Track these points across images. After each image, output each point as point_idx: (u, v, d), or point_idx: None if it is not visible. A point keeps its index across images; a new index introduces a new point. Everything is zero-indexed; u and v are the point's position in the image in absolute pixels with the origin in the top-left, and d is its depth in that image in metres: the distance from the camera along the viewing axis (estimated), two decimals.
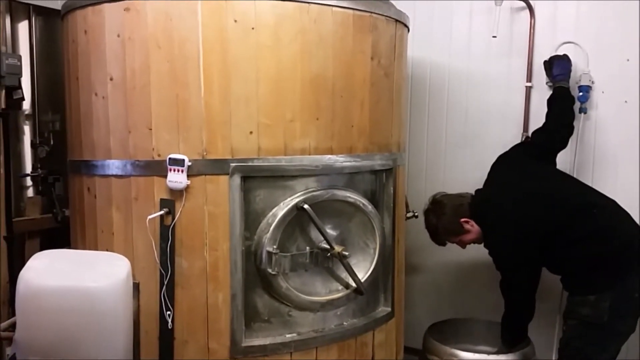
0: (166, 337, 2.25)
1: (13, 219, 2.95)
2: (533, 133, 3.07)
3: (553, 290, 2.97)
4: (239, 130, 2.18)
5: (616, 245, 2.54)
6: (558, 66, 3.04)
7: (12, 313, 2.18)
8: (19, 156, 3.13)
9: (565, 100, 2.99)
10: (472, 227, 2.79)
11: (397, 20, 2.56)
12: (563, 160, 3.08)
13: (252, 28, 2.15)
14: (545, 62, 3.14)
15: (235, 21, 2.14)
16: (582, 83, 3.05)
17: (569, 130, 2.98)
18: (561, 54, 3.08)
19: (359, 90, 2.40)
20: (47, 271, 2.08)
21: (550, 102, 3.03)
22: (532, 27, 3.22)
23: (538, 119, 3.11)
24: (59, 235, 3.05)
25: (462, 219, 2.79)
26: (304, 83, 2.25)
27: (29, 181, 3.17)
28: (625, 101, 3.04)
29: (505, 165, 2.89)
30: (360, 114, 2.41)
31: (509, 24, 3.28)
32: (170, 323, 2.22)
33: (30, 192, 3.19)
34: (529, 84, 3.25)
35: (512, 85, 3.31)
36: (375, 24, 2.42)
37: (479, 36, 3.38)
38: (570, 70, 3.05)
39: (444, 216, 2.84)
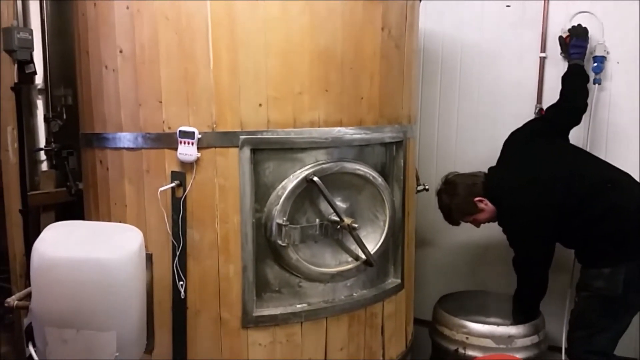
0: (179, 307, 2.29)
1: (28, 192, 2.99)
2: (547, 109, 3.04)
3: (564, 263, 2.97)
4: (248, 103, 2.18)
5: (631, 218, 2.54)
6: (575, 44, 2.98)
7: (29, 284, 2.22)
8: (32, 130, 3.16)
9: (580, 77, 2.96)
10: (486, 206, 2.78)
11: None
12: (576, 136, 3.04)
13: None
14: (560, 37, 3.08)
15: None
16: (597, 53, 3.01)
17: (583, 108, 2.95)
18: (576, 24, 3.02)
19: (368, 62, 2.37)
20: (60, 242, 2.10)
21: (564, 79, 2.99)
22: None
23: (552, 90, 3.07)
24: (74, 209, 3.09)
25: (476, 198, 2.78)
26: (313, 55, 2.23)
27: (42, 155, 3.21)
28: None
29: (519, 143, 2.87)
30: (370, 86, 2.40)
31: None
32: (182, 293, 2.26)
33: (44, 166, 3.23)
34: (543, 55, 3.21)
35: (525, 56, 3.26)
36: None
37: (492, 6, 3.33)
38: (586, 48, 2.99)
39: (457, 196, 2.82)
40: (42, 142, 3.20)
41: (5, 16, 2.85)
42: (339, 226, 2.37)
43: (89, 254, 2.09)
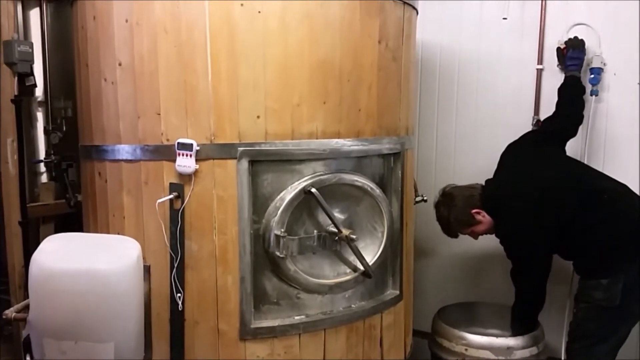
0: (177, 318, 2.28)
1: (27, 204, 3.00)
2: (543, 121, 3.05)
3: (563, 274, 2.97)
4: (246, 114, 2.19)
5: (628, 229, 2.54)
6: (572, 55, 2.99)
7: (27, 296, 2.22)
8: (32, 142, 3.18)
9: (576, 89, 2.97)
10: (484, 217, 2.78)
11: (405, 2, 2.54)
12: (574, 147, 3.05)
13: (259, 12, 2.15)
14: (558, 49, 3.09)
15: (242, 5, 2.14)
16: (594, 65, 3.02)
17: (579, 119, 2.96)
18: (572, 36, 3.04)
19: (366, 73, 2.39)
20: (59, 254, 2.11)
21: (560, 90, 3.00)
22: (543, 9, 3.18)
23: (549, 102, 3.08)
24: (73, 221, 3.10)
25: (473, 210, 2.78)
26: (311, 67, 2.25)
27: (42, 167, 3.22)
28: (639, 83, 3.00)
29: (515, 154, 2.88)
30: (368, 98, 2.41)
31: (520, 6, 3.25)
32: (180, 305, 2.26)
33: (44, 178, 3.24)
34: (540, 67, 3.22)
35: (523, 68, 3.28)
36: (382, 6, 2.40)
37: (489, 18, 3.35)
38: (583, 60, 3.01)
39: (455, 208, 2.82)
40: (41, 154, 3.22)
41: (5, 29, 2.88)
42: (337, 237, 2.37)
43: (87, 265, 2.09)
